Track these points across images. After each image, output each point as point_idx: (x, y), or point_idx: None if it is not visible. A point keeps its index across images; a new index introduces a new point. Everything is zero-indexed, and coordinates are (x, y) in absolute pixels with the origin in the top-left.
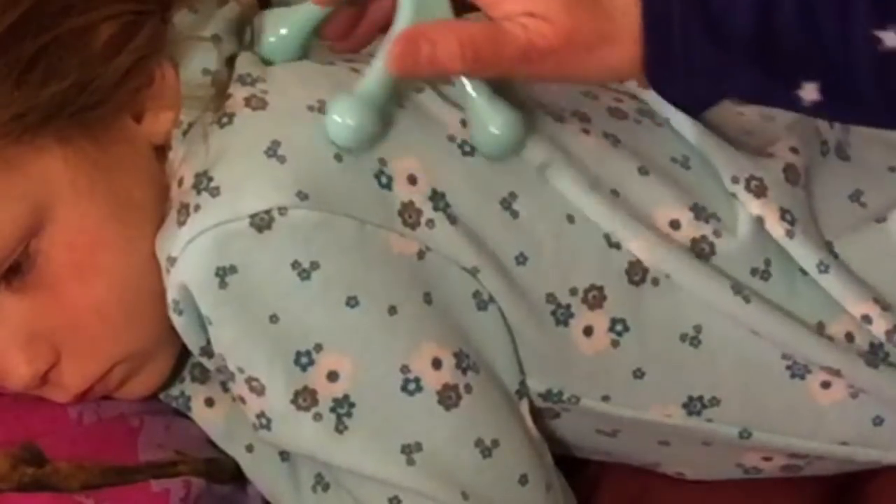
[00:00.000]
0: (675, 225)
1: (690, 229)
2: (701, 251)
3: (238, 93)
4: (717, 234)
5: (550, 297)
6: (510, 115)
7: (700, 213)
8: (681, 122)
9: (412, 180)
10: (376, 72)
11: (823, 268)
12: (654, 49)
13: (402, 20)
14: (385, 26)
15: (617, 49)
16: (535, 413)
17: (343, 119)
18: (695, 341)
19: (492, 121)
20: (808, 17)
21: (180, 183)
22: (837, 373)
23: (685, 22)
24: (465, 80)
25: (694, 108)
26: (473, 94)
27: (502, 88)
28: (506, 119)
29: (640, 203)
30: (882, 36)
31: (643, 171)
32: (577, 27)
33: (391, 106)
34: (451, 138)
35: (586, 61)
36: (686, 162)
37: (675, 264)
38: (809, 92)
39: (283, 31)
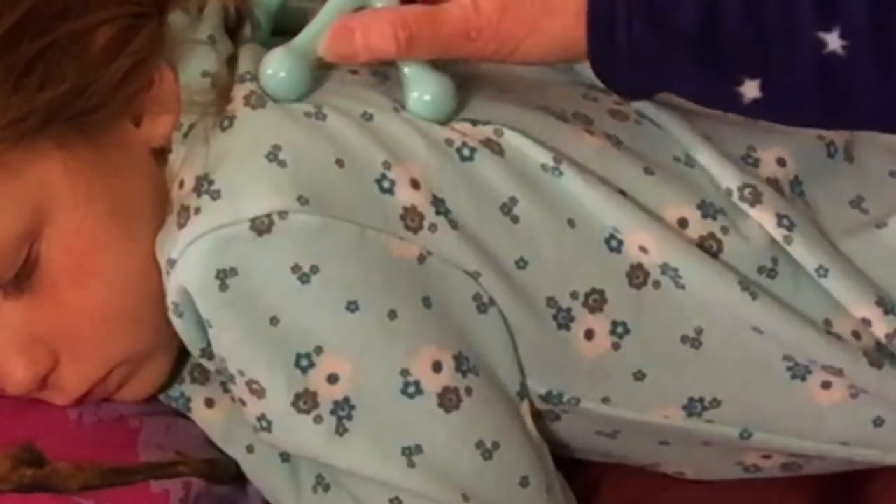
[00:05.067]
0: (683, 223)
1: (698, 227)
2: (709, 248)
3: (238, 91)
4: (724, 230)
5: (551, 301)
6: (443, 82)
7: (707, 209)
8: (674, 129)
9: (415, 185)
10: (312, 27)
11: (823, 272)
12: (596, 35)
13: None
14: None
15: (558, 23)
16: (536, 415)
17: (275, 71)
18: (695, 343)
19: (424, 89)
20: (753, 14)
21: (181, 185)
22: (840, 372)
23: (630, 12)
24: None
25: (632, 95)
26: (404, 66)
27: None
28: (439, 86)
29: (648, 202)
30: (826, 38)
31: (648, 171)
32: (516, 2)
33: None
34: (449, 142)
35: (528, 37)
36: (689, 161)
37: (684, 258)
38: (750, 89)
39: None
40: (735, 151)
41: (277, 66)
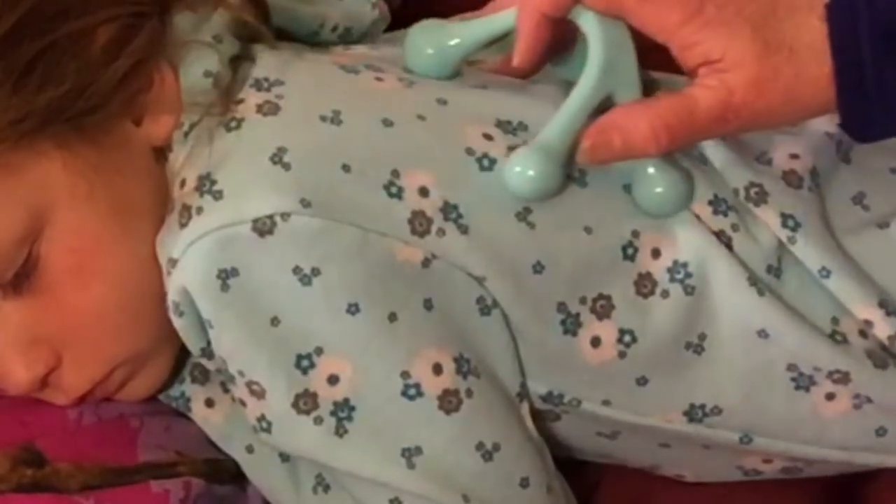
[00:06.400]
0: (697, 219)
1: (710, 224)
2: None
3: (251, 98)
4: (734, 228)
5: (561, 306)
6: (676, 175)
7: (719, 205)
8: None
9: (423, 192)
10: (559, 123)
11: (825, 273)
12: (849, 94)
13: (588, 82)
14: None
15: (811, 90)
16: (536, 415)
17: (524, 170)
18: (699, 349)
19: (657, 182)
20: None
21: (182, 184)
22: (846, 377)
23: (877, 62)
24: None
25: (877, 139)
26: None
27: None
28: (672, 179)
29: None
30: None
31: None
32: (767, 76)
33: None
34: (470, 151)
35: (782, 109)
36: (703, 157)
37: (694, 251)
38: None
39: (453, 42)
40: (748, 150)
41: (526, 165)
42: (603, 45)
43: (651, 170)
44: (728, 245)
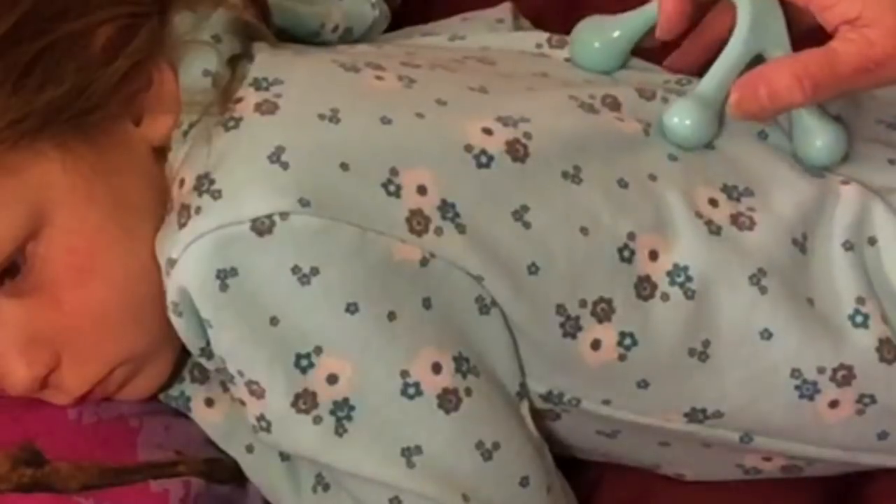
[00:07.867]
0: (713, 203)
1: (728, 207)
2: (742, 224)
3: (250, 98)
4: (751, 209)
5: (560, 309)
6: (835, 129)
7: (731, 192)
8: None
9: (422, 191)
10: (713, 76)
11: None
12: None
13: (737, 39)
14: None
15: None
16: (536, 414)
17: (681, 119)
18: (703, 356)
19: (817, 134)
20: None
21: (181, 184)
22: (850, 371)
23: None
24: None
25: None
26: (803, 111)
27: None
28: (831, 132)
29: (678, 185)
30: None
31: (672, 158)
32: None
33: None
34: (469, 148)
35: None
36: (710, 143)
37: (695, 252)
38: None
39: (616, 35)
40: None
41: (683, 115)
42: (751, 5)
43: (806, 118)
44: (751, 223)
